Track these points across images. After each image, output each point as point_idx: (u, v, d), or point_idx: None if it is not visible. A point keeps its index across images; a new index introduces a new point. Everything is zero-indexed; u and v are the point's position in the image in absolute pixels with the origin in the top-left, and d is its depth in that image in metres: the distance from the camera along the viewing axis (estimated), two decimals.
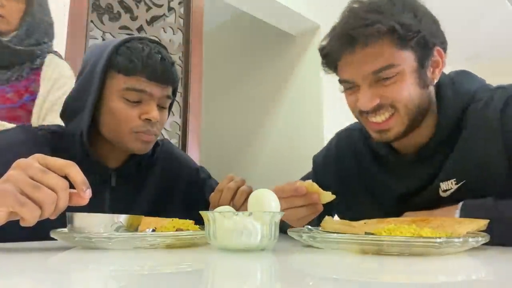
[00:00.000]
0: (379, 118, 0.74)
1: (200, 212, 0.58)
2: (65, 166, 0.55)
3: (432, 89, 0.78)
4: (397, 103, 0.73)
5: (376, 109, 0.74)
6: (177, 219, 0.68)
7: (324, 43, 0.79)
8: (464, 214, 0.68)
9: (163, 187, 0.94)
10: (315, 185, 0.72)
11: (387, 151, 0.85)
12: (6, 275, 0.41)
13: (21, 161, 0.54)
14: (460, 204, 0.70)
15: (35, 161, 0.54)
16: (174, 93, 0.91)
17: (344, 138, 0.98)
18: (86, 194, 0.55)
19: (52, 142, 0.82)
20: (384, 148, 0.85)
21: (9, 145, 0.78)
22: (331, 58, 0.78)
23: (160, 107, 0.84)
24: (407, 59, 0.73)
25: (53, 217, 0.54)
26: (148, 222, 0.69)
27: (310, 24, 2.76)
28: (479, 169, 0.73)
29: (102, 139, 0.83)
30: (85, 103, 0.79)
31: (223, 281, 0.39)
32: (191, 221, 0.68)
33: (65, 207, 0.55)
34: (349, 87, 0.77)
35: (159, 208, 0.92)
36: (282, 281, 0.40)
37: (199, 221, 0.64)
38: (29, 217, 0.52)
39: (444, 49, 0.78)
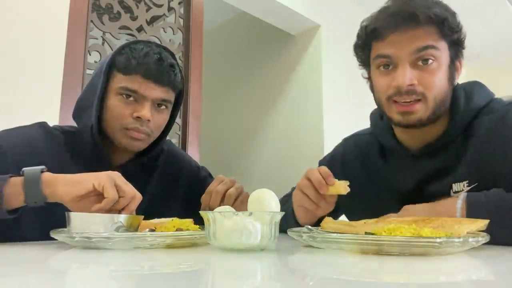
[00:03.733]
0: (408, 98, 0.77)
1: (200, 212, 0.58)
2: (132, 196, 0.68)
3: (451, 90, 0.82)
4: (428, 92, 0.77)
5: (409, 91, 0.76)
6: (177, 219, 0.68)
7: (370, 21, 0.82)
8: (467, 204, 0.68)
9: (164, 186, 0.95)
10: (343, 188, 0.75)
11: (394, 144, 0.89)
12: (6, 275, 0.41)
13: (110, 172, 0.69)
14: (463, 195, 0.69)
15: (120, 175, 0.69)
16: (179, 99, 0.92)
17: (351, 144, 1.02)
18: None
19: (66, 141, 0.86)
20: (392, 141, 0.89)
21: (28, 139, 0.81)
22: (376, 33, 0.80)
23: (157, 108, 0.85)
24: (444, 50, 0.78)
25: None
26: (147, 225, 0.69)
27: (310, 24, 2.76)
28: (493, 174, 0.75)
29: (107, 139, 0.85)
30: (92, 100, 0.83)
31: (223, 281, 0.39)
32: (191, 220, 0.68)
33: (132, 211, 0.68)
34: (386, 63, 0.79)
35: (161, 206, 0.93)
36: (282, 281, 0.40)
37: (199, 220, 0.64)
38: (110, 196, 0.64)
39: (463, 58, 0.83)
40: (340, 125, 1.02)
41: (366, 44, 0.84)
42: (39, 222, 0.76)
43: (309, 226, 0.71)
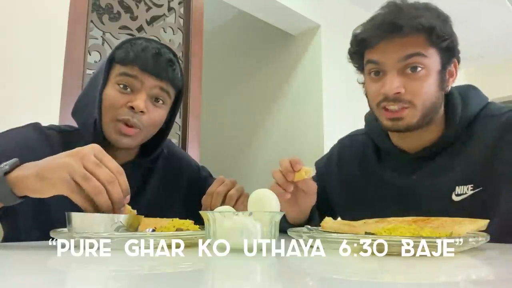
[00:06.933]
0: (396, 106, 0.79)
1: (200, 212, 0.58)
2: (115, 172, 0.59)
3: (443, 95, 0.84)
4: (416, 99, 0.79)
5: (396, 99, 0.79)
6: (177, 219, 0.68)
7: (361, 29, 0.85)
8: None
9: (164, 185, 0.95)
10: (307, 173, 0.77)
11: (391, 146, 0.90)
12: (6, 275, 0.41)
13: (80, 149, 0.59)
14: None
15: (91, 153, 0.58)
16: (179, 96, 0.92)
17: (347, 144, 1.04)
18: (121, 212, 0.60)
19: (62, 140, 0.84)
20: (388, 143, 0.91)
21: (22, 142, 0.79)
22: (366, 43, 0.82)
23: (153, 103, 0.84)
24: (434, 57, 0.79)
25: (116, 211, 0.59)
26: (147, 223, 0.69)
27: (310, 24, 2.76)
28: (500, 178, 0.76)
29: (106, 138, 0.84)
30: (94, 94, 0.82)
31: (223, 281, 0.39)
32: (191, 221, 0.68)
33: (120, 199, 0.58)
34: (377, 69, 0.82)
35: (161, 206, 0.93)
36: (282, 281, 0.40)
37: (199, 221, 0.64)
38: (80, 203, 0.57)
39: (459, 62, 0.84)
40: (340, 125, 1.03)
41: (358, 52, 0.87)
42: (36, 223, 0.76)
43: (309, 226, 0.71)
